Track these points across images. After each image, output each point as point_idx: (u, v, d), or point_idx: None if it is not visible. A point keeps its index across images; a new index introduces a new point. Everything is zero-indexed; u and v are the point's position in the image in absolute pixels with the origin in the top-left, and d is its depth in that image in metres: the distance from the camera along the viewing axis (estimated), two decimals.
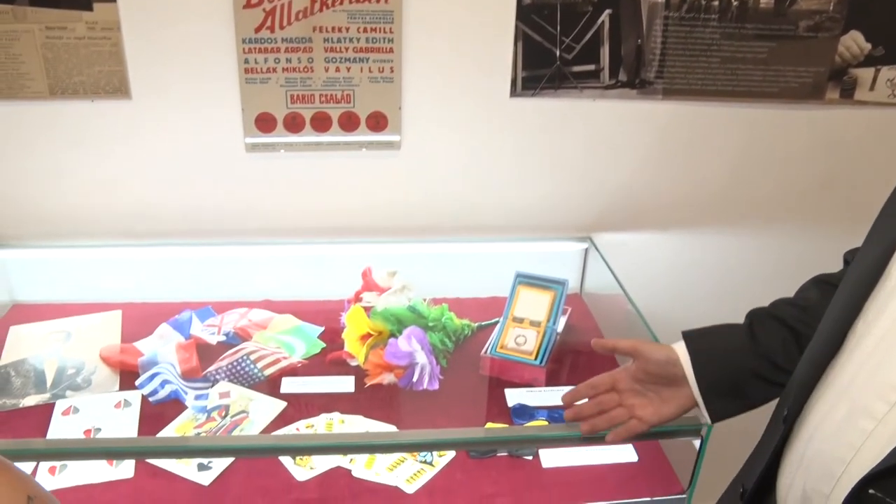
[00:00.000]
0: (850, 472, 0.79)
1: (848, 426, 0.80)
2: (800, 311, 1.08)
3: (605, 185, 1.70)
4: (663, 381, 1.12)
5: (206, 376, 1.43)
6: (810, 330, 1.02)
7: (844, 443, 0.80)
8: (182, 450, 1.22)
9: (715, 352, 1.10)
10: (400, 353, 1.39)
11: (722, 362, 1.09)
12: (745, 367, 1.08)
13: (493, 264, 1.72)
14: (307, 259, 1.70)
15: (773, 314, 1.10)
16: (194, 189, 1.61)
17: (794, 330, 1.07)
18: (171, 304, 1.65)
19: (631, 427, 1.14)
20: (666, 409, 1.13)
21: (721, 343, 1.11)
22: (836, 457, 0.81)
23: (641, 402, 1.15)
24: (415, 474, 1.24)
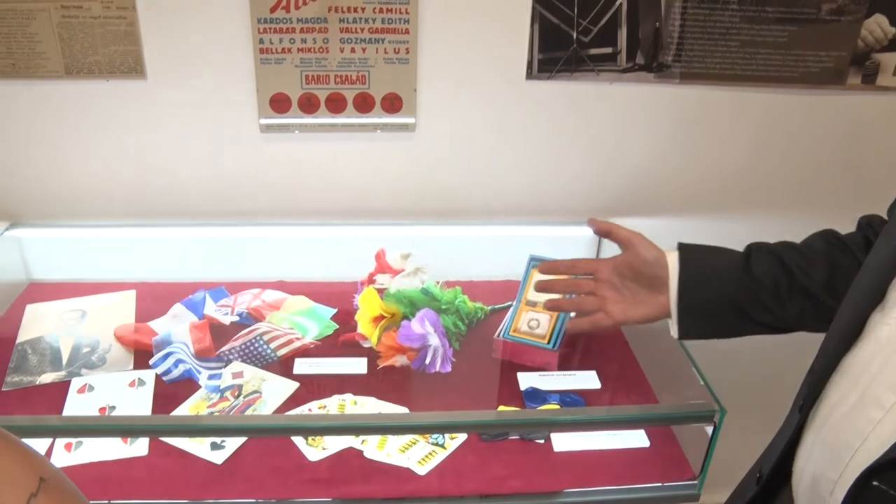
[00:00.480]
0: (856, 459, 0.79)
1: (858, 414, 0.80)
2: (800, 255, 1.06)
3: (620, 170, 1.69)
4: (644, 281, 1.10)
5: (220, 356, 1.44)
6: (805, 276, 1.01)
7: (853, 430, 0.80)
8: (195, 429, 1.23)
9: (705, 270, 1.07)
10: (413, 335, 1.39)
11: (708, 282, 1.06)
12: (729, 295, 1.05)
13: (506, 247, 1.72)
14: (321, 240, 1.70)
15: (774, 251, 1.08)
16: (208, 170, 1.61)
17: (789, 272, 1.04)
18: (185, 284, 1.66)
19: (595, 319, 1.12)
20: (635, 312, 1.11)
21: (714, 263, 1.08)
22: (844, 443, 0.81)
23: (615, 296, 1.12)
24: (426, 456, 1.24)
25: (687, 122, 1.64)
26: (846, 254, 1.06)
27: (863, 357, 0.83)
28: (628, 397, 1.39)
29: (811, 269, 1.03)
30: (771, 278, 1.05)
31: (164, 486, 1.18)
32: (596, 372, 1.44)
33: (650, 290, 1.10)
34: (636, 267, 1.10)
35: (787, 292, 1.04)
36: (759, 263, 1.07)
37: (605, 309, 1.13)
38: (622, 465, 1.25)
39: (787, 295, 1.04)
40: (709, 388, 1.18)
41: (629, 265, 1.11)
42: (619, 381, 1.43)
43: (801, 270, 1.04)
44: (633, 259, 1.11)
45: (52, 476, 0.62)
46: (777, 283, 1.05)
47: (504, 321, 1.53)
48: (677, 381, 1.32)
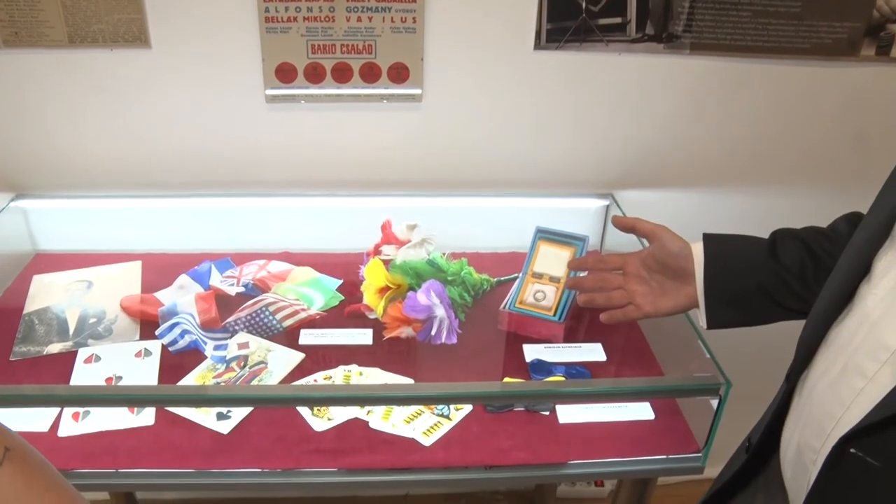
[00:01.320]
0: (838, 429, 0.79)
1: (841, 383, 0.80)
2: (826, 239, 1.06)
3: (628, 142, 1.67)
4: (670, 272, 1.10)
5: (226, 327, 1.44)
6: (832, 259, 1.00)
7: (837, 400, 0.80)
8: (201, 398, 1.24)
9: (731, 259, 1.07)
10: (418, 306, 1.38)
11: (735, 271, 1.07)
12: (756, 282, 1.06)
13: (513, 219, 1.71)
14: (326, 211, 1.70)
15: (799, 236, 1.08)
16: (214, 140, 1.60)
17: (815, 256, 1.04)
18: (191, 254, 1.65)
19: (627, 311, 1.14)
20: (665, 303, 1.12)
21: (739, 251, 1.08)
22: (827, 413, 0.81)
23: (643, 290, 1.13)
24: (431, 427, 1.25)
25: (697, 94, 1.62)
26: None
27: (849, 328, 0.83)
28: (633, 370, 1.39)
29: (836, 252, 1.03)
30: (798, 264, 1.05)
31: (171, 455, 1.19)
32: (601, 344, 1.44)
33: (677, 281, 1.11)
34: (662, 259, 1.11)
35: (814, 277, 1.04)
36: (785, 249, 1.06)
37: (635, 302, 1.14)
38: (627, 437, 1.25)
39: (814, 279, 1.04)
40: (714, 360, 1.17)
41: (655, 258, 1.12)
42: (624, 354, 1.43)
43: (827, 254, 1.04)
44: (659, 252, 1.11)
45: (16, 446, 0.61)
46: (804, 267, 1.04)
47: (510, 293, 1.52)
48: (683, 354, 1.32)
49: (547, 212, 1.69)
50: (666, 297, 1.13)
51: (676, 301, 1.12)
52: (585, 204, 1.72)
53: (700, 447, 1.23)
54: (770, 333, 1.51)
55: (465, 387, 1.25)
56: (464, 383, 1.31)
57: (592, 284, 1.17)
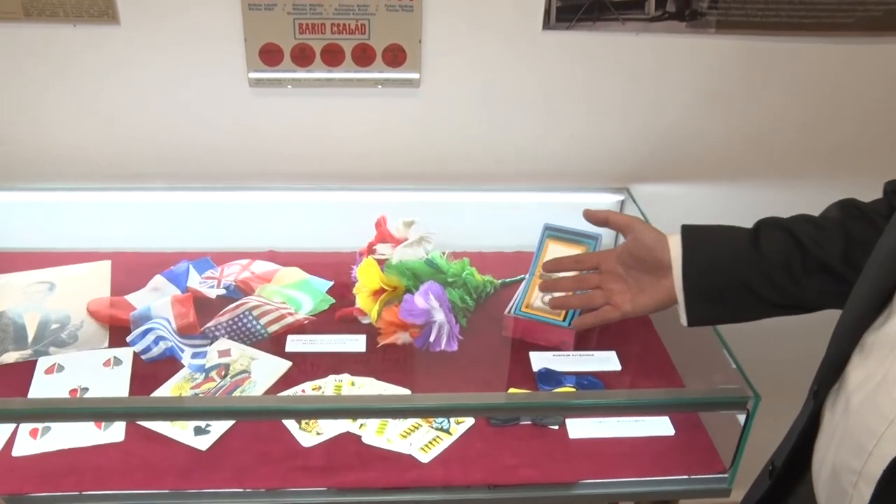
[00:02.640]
0: (881, 446, 0.77)
1: (882, 396, 0.79)
2: (815, 228, 1.05)
3: (646, 131, 1.67)
4: (646, 266, 1.11)
5: (205, 333, 1.43)
6: (820, 250, 0.99)
7: (877, 414, 0.78)
8: (177, 411, 1.22)
9: (710, 251, 1.07)
10: (416, 310, 1.38)
11: (714, 264, 1.06)
12: (738, 275, 1.05)
13: (519, 215, 1.71)
14: (316, 206, 1.70)
15: (785, 226, 1.07)
16: (191, 127, 1.59)
17: (801, 246, 1.03)
18: (166, 253, 1.65)
19: (602, 313, 1.14)
20: (642, 299, 1.13)
21: (719, 244, 1.08)
22: (867, 429, 0.79)
23: (620, 287, 1.14)
24: (430, 442, 1.24)
25: (723, 77, 1.61)
26: (865, 222, 1.04)
27: (890, 333, 0.81)
28: (651, 380, 1.38)
29: (825, 242, 1.01)
30: (782, 255, 1.04)
31: (143, 474, 1.17)
32: (616, 352, 1.43)
33: (654, 276, 1.11)
34: (637, 253, 1.11)
35: (801, 269, 1.03)
36: (769, 239, 1.05)
37: (613, 301, 1.14)
38: (644, 454, 1.24)
39: (801, 272, 1.03)
40: (741, 371, 1.16)
41: (630, 252, 1.12)
42: (641, 363, 1.42)
43: (815, 243, 1.03)
44: (633, 245, 1.12)
45: None
46: (789, 259, 1.03)
47: (516, 296, 1.52)
48: (706, 364, 1.31)
49: (556, 207, 1.68)
50: (644, 293, 1.13)
51: (654, 297, 1.12)
52: (598, 199, 1.71)
53: (726, 467, 1.22)
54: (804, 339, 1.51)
55: (467, 398, 1.25)
56: (465, 394, 1.30)
57: (568, 285, 1.17)
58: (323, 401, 1.27)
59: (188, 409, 1.22)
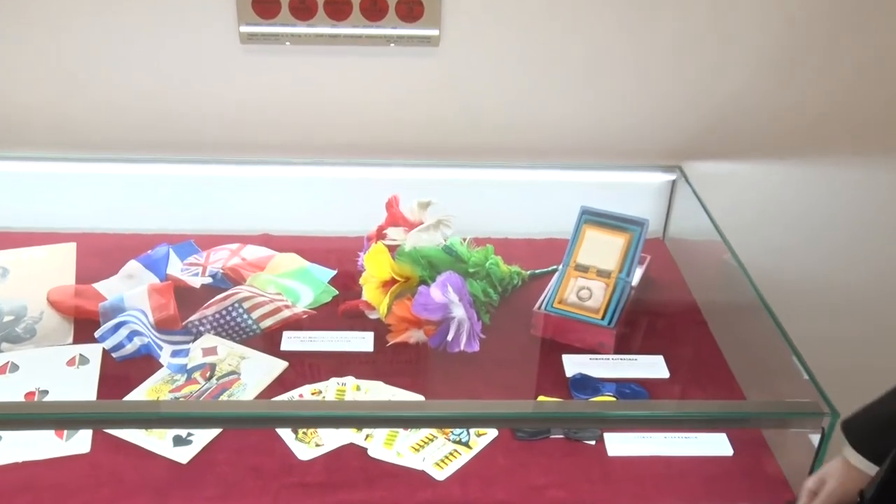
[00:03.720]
0: None
1: None
2: None
3: (702, 99, 1.65)
4: None
5: (187, 328, 1.43)
6: None
7: None
8: (154, 418, 1.20)
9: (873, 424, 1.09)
10: (432, 304, 1.37)
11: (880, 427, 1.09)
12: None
13: (553, 197, 1.71)
14: (317, 184, 1.70)
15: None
16: (172, 89, 1.59)
17: None
18: (143, 235, 1.65)
19: None
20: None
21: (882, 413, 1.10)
22: None
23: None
24: (446, 457, 1.23)
25: (797, 35, 1.59)
26: None
27: None
28: (706, 390, 1.37)
29: None
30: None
31: (113, 491, 1.16)
32: (663, 357, 1.42)
33: None
34: None
35: None
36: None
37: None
38: (696, 477, 1.23)
39: None
40: (815, 383, 1.14)
41: None
42: (693, 370, 1.41)
43: None
44: None
45: None
46: None
47: (547, 290, 1.51)
48: (773, 373, 1.29)
49: (595, 188, 1.68)
50: None
51: None
52: (645, 178, 1.72)
53: (795, 495, 1.19)
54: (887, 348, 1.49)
55: (489, 406, 1.24)
56: (487, 402, 1.30)
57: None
58: (323, 407, 1.26)
59: (167, 416, 1.19)
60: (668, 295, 1.58)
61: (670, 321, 1.51)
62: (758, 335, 1.23)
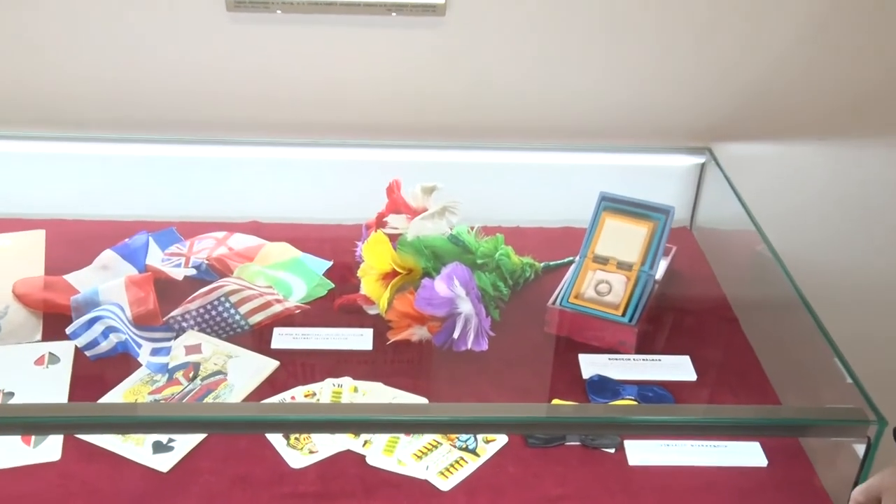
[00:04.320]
0: None
1: None
2: None
3: (735, 73, 1.65)
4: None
5: (169, 323, 1.43)
6: None
7: None
8: (132, 422, 1.19)
9: None
10: (436, 299, 1.37)
11: None
12: None
13: (568, 182, 1.71)
14: (311, 167, 1.70)
15: None
16: (151, 62, 1.59)
17: None
18: (119, 221, 1.66)
19: None
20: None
21: None
22: None
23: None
24: (451, 465, 1.23)
25: (832, 5, 1.58)
26: None
27: None
28: (737, 395, 1.37)
29: None
30: None
31: (85, 503, 1.16)
32: (690, 357, 1.42)
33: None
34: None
35: None
36: None
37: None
38: (727, 490, 1.22)
39: None
40: (860, 387, 1.13)
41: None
42: (724, 372, 1.41)
43: None
44: None
45: None
46: None
47: (562, 283, 1.51)
48: (812, 376, 1.29)
49: (615, 172, 1.68)
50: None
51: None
52: (671, 161, 1.71)
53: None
54: None
55: (499, 410, 1.23)
56: (497, 405, 1.29)
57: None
58: (318, 411, 1.25)
59: (145, 420, 1.19)
60: (695, 289, 1.58)
61: (698, 318, 1.51)
62: (795, 334, 1.22)
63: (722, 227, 1.67)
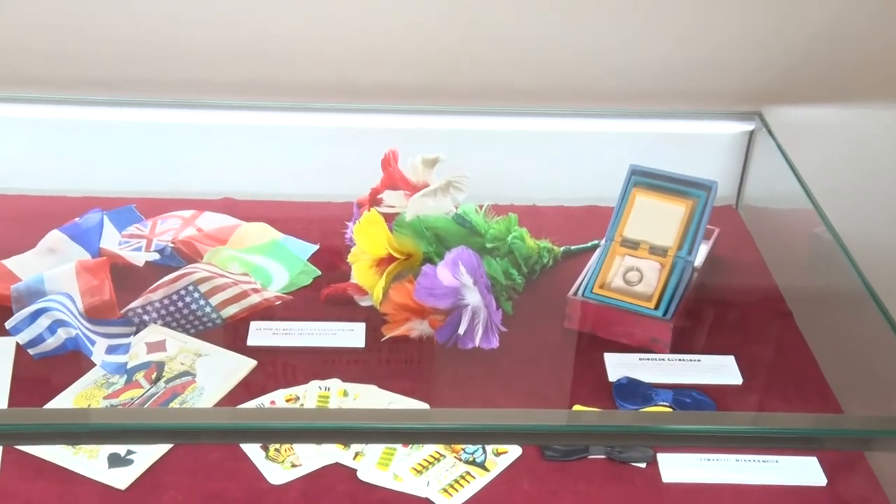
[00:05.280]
0: None
1: None
2: None
3: (792, 24, 1.64)
4: None
5: (127, 316, 1.42)
6: None
7: None
8: (84, 431, 1.18)
9: None
10: (439, 288, 1.36)
11: None
12: None
13: (593, 153, 1.71)
14: (294, 135, 1.71)
15: None
16: (111, 11, 1.58)
17: None
18: (69, 198, 1.66)
19: None
20: None
21: None
22: None
23: None
24: (456, 481, 1.23)
25: None
26: None
27: None
28: (790, 401, 1.36)
29: None
30: None
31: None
32: (735, 357, 1.41)
33: None
34: None
35: None
36: None
37: None
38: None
39: None
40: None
41: None
42: (775, 375, 1.40)
43: None
44: None
45: None
46: None
47: (585, 271, 1.51)
48: (879, 380, 1.28)
49: (648, 141, 1.69)
50: None
51: None
52: (714, 128, 1.71)
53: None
54: None
55: (511, 417, 1.22)
56: (508, 411, 1.29)
57: None
58: (301, 417, 1.24)
59: (100, 428, 1.17)
60: (741, 278, 1.58)
61: (744, 312, 1.51)
62: (860, 331, 1.22)
63: (773, 205, 1.67)
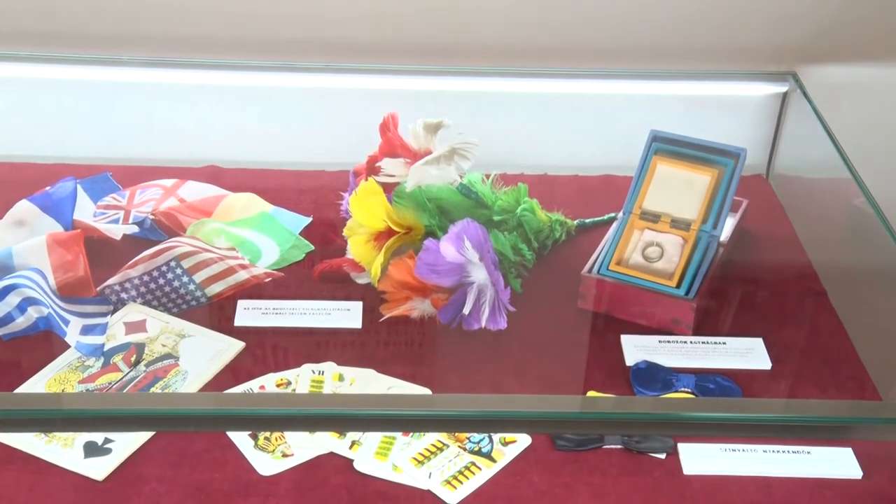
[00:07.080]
0: None
1: None
2: None
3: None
4: None
5: (104, 294, 1.43)
6: None
7: None
8: (58, 418, 1.18)
9: None
10: (442, 264, 1.36)
11: None
12: None
13: (610, 117, 1.72)
14: (285, 97, 1.72)
15: None
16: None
17: None
18: (39, 164, 1.67)
19: None
20: None
21: None
22: None
23: None
24: (461, 473, 1.24)
25: None
26: None
27: None
28: (823, 387, 1.36)
29: None
30: None
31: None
32: (763, 340, 1.42)
33: None
34: None
35: None
36: None
37: None
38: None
39: None
40: None
41: None
42: (806, 358, 1.41)
43: None
44: None
45: None
46: None
47: (601, 246, 1.52)
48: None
49: (670, 105, 1.69)
50: None
51: None
52: (742, 90, 1.72)
53: None
54: None
55: (520, 404, 1.23)
56: (517, 397, 1.30)
57: None
58: (293, 403, 1.25)
59: (75, 415, 1.18)
60: (771, 254, 1.58)
61: (774, 291, 1.51)
62: None
63: (808, 174, 1.68)
